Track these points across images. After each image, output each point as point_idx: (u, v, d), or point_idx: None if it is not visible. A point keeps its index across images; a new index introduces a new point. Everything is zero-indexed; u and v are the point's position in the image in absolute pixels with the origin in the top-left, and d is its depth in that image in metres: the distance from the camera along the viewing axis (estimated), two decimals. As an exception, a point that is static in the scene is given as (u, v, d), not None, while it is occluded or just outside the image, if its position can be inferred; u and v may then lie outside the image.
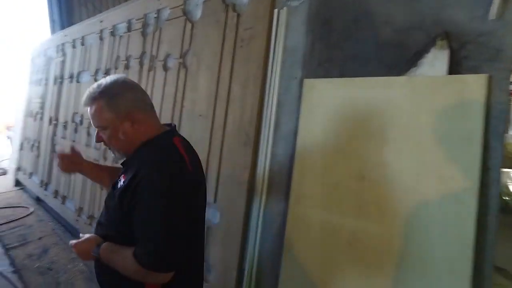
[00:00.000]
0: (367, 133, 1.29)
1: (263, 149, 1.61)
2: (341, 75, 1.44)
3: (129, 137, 1.01)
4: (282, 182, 1.54)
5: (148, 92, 2.36)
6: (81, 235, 1.09)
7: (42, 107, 4.37)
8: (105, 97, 0.98)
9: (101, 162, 2.89)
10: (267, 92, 1.65)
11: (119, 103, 0.98)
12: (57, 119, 3.85)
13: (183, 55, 2.13)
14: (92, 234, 1.06)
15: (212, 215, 1.80)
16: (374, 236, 1.22)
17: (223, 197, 1.74)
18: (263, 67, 1.67)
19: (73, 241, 1.06)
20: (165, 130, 1.08)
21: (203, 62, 1.99)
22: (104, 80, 1.02)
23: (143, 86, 2.43)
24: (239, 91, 1.76)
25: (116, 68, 2.81)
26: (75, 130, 3.40)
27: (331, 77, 1.45)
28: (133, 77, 2.56)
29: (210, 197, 1.80)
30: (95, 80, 3.13)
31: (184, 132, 2.02)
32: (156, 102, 2.27)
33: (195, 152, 1.14)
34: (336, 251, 1.32)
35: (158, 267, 0.91)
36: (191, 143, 1.14)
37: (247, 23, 1.76)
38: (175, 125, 1.15)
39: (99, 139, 1.05)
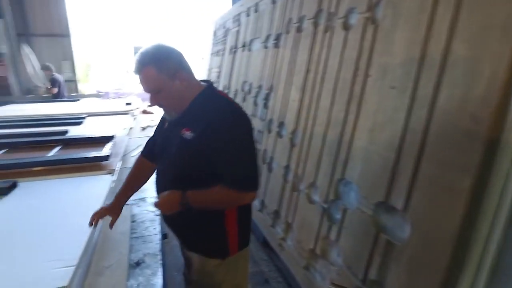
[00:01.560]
0: None
1: (509, 143, 0.99)
2: None
3: (181, 94, 1.13)
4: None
5: (323, 57, 2.00)
6: (159, 195, 1.20)
7: (218, 76, 4.74)
8: (154, 62, 1.07)
9: (265, 135, 2.81)
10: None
11: (168, 65, 1.08)
12: (229, 88, 4.07)
13: (372, 8, 1.63)
14: (170, 190, 1.15)
15: (397, 226, 1.33)
16: None
17: (420, 206, 1.23)
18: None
19: (155, 202, 1.15)
20: (207, 85, 1.22)
21: (402, 14, 1.43)
22: (147, 49, 1.09)
23: (316, 50, 2.09)
24: (464, 51, 1.14)
25: (287, 33, 2.57)
26: (243, 99, 3.47)
27: None
28: (305, 40, 2.25)
29: (398, 202, 1.32)
30: (265, 47, 3.02)
31: (368, 108, 1.57)
32: (332, 69, 1.89)
33: None
34: None
35: (249, 187, 1.13)
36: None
37: None
38: (211, 81, 1.27)
39: (155, 102, 1.14)
